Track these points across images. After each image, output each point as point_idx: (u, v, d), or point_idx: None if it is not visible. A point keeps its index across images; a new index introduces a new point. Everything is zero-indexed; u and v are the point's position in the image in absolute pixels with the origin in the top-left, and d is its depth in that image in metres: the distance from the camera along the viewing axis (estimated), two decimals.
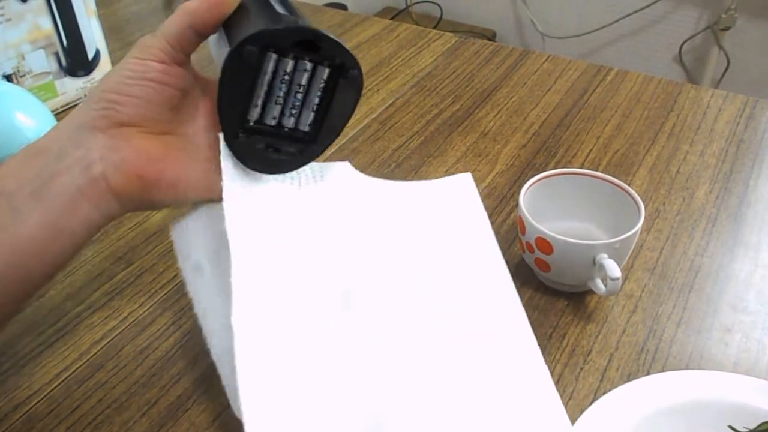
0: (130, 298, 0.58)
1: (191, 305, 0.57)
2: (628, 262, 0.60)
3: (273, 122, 0.44)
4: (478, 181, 0.70)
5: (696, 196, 0.68)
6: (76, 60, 0.83)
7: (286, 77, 0.43)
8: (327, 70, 0.43)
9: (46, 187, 0.41)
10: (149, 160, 0.43)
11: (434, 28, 2.00)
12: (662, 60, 2.00)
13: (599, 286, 0.54)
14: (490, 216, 0.65)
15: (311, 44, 0.42)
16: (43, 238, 0.41)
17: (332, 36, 0.42)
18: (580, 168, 0.66)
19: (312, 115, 0.45)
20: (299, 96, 0.44)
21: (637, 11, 1.91)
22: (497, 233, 0.63)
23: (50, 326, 0.56)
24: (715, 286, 0.58)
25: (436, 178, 0.70)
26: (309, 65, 0.43)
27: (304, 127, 0.45)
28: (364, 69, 0.63)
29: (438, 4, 2.16)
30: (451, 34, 0.99)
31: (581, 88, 0.85)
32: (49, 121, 0.67)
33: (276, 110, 0.44)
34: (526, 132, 0.78)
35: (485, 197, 0.68)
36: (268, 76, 0.42)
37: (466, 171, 0.59)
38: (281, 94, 0.43)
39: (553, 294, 0.57)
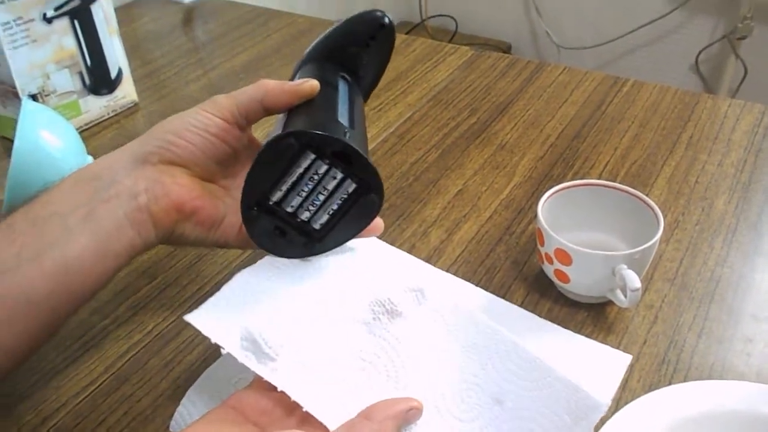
0: (154, 312, 0.59)
1: None
2: (647, 273, 0.60)
3: (290, 209, 0.47)
4: (496, 193, 0.70)
5: (715, 206, 0.68)
6: (99, 79, 0.84)
7: (316, 177, 0.46)
8: (353, 186, 0.47)
9: (97, 211, 0.45)
10: (189, 196, 0.47)
11: (449, 41, 2.01)
12: (679, 69, 1.99)
13: (619, 297, 0.54)
14: (508, 228, 0.66)
15: (347, 158, 0.45)
16: (90, 259, 0.44)
17: (368, 159, 0.45)
18: (598, 179, 0.66)
19: (326, 217, 0.47)
20: (321, 197, 0.47)
21: (652, 21, 1.91)
22: (515, 245, 0.64)
23: (76, 340, 0.57)
24: (736, 296, 0.58)
25: (455, 190, 0.71)
26: (339, 175, 0.46)
27: (316, 224, 0.48)
28: (380, 84, 0.64)
29: (453, 18, 2.17)
30: (467, 48, 1.00)
31: (598, 99, 0.86)
32: (74, 139, 0.68)
33: (296, 200, 0.47)
34: (543, 144, 0.78)
35: (503, 209, 0.68)
36: (300, 170, 0.46)
37: (484, 183, 0.59)
38: (306, 189, 0.46)
39: (573, 305, 0.57)
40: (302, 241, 0.48)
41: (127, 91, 0.88)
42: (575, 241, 0.54)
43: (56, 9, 0.77)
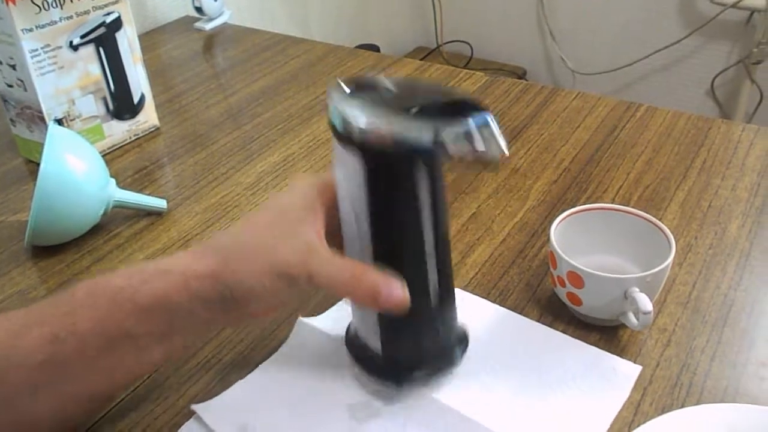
0: None
1: (231, 338, 0.59)
2: (660, 297, 0.60)
3: None
4: (509, 217, 0.71)
5: (728, 230, 0.68)
6: (122, 104, 0.87)
7: None
8: None
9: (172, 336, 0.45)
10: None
11: (465, 66, 2.03)
12: (694, 94, 1.99)
13: (631, 320, 0.55)
14: (521, 251, 0.67)
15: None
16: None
17: None
18: (611, 203, 0.67)
19: None
20: None
21: (667, 46, 1.92)
22: (528, 268, 0.64)
23: None
24: (750, 320, 0.58)
25: (468, 214, 0.72)
26: None
27: None
28: None
29: (468, 44, 2.19)
30: (482, 73, 1.01)
31: (611, 124, 0.87)
32: (98, 163, 0.70)
33: None
34: (557, 168, 0.79)
35: (517, 232, 0.69)
36: None
37: (498, 206, 0.61)
38: None
39: (585, 328, 0.58)
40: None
41: (149, 116, 0.90)
42: (588, 265, 0.55)
43: (82, 37, 0.80)
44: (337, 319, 0.59)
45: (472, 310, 0.59)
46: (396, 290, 0.44)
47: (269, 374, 0.55)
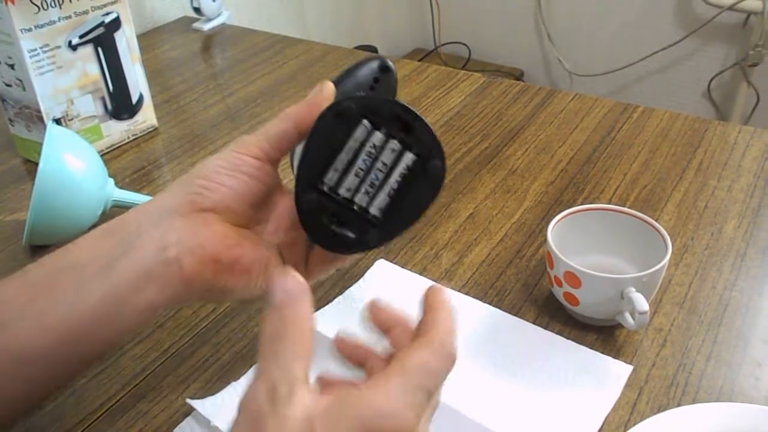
0: (170, 331, 0.60)
1: (229, 338, 0.59)
2: (656, 297, 0.60)
3: (347, 194, 0.42)
4: (507, 217, 0.72)
5: (724, 231, 0.68)
6: (120, 104, 0.87)
7: (372, 151, 0.42)
8: (412, 157, 0.42)
9: (117, 262, 0.41)
10: (226, 245, 0.43)
11: (463, 68, 2.04)
12: (691, 96, 2.00)
13: (628, 319, 0.55)
14: (518, 251, 0.67)
15: (405, 125, 0.41)
16: (103, 315, 0.41)
17: (426, 122, 0.41)
18: (608, 204, 0.67)
19: (387, 200, 0.42)
20: (379, 175, 0.42)
21: (664, 48, 1.92)
22: (526, 268, 0.65)
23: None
24: (746, 320, 0.58)
25: (466, 214, 0.72)
26: (397, 146, 0.42)
27: (375, 210, 0.42)
28: None
29: (466, 45, 2.20)
30: (479, 75, 1.02)
31: (608, 125, 0.87)
32: (97, 162, 0.70)
33: (353, 182, 0.42)
34: (554, 169, 0.79)
35: (514, 232, 0.69)
36: (355, 144, 0.41)
37: (496, 206, 0.61)
38: (363, 167, 0.42)
39: (582, 328, 0.58)
40: (362, 229, 0.42)
41: (147, 116, 0.90)
42: (585, 265, 0.55)
43: (81, 37, 0.80)
44: (330, 314, 0.59)
45: (466, 312, 0.59)
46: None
47: None
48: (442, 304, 0.37)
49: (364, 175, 0.42)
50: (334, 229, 0.42)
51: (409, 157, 0.42)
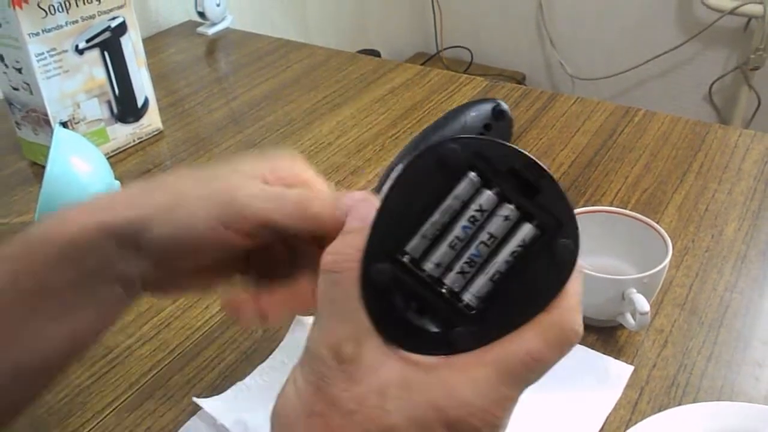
0: (177, 332, 0.61)
1: (234, 338, 0.60)
2: (657, 298, 0.61)
3: (435, 272, 0.29)
4: None
5: (725, 233, 0.69)
6: (126, 108, 0.88)
7: (478, 216, 0.29)
8: (533, 231, 0.29)
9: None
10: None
11: (465, 72, 2.04)
12: (692, 100, 2.00)
13: (629, 320, 0.56)
14: None
15: (526, 185, 0.29)
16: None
17: (558, 182, 0.29)
18: (609, 206, 0.68)
19: (490, 286, 0.29)
20: (483, 250, 0.29)
21: (665, 52, 1.93)
22: None
23: (102, 358, 0.59)
24: (746, 322, 0.59)
25: None
26: (513, 212, 0.29)
27: (471, 298, 0.29)
28: (397, 113, 0.66)
29: (468, 49, 2.20)
30: (481, 78, 1.02)
31: (609, 128, 0.88)
32: (103, 165, 0.71)
33: (446, 256, 0.29)
34: (556, 172, 0.80)
35: None
36: (455, 204, 0.29)
37: None
38: (462, 237, 0.29)
39: (584, 328, 0.58)
40: (450, 322, 0.29)
41: (152, 120, 0.91)
42: (586, 266, 0.55)
43: (88, 41, 0.81)
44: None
45: None
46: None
47: (267, 374, 0.55)
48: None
49: (461, 248, 0.29)
50: (410, 318, 0.29)
51: (527, 230, 0.29)
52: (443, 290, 0.29)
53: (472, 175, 0.29)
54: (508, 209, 0.29)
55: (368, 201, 0.30)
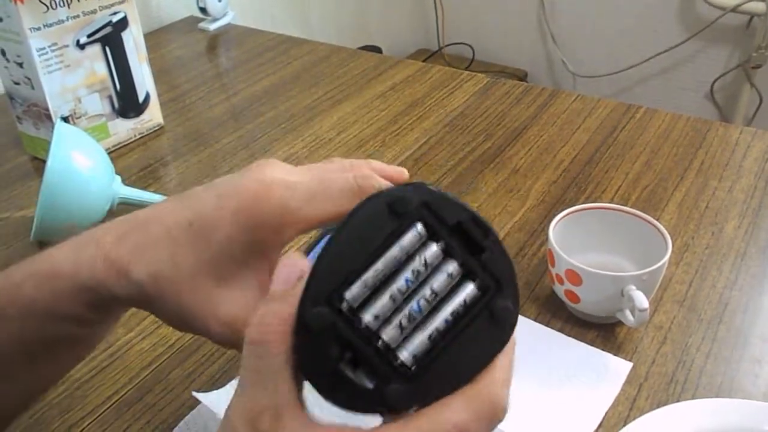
0: None
1: None
2: (657, 295, 0.61)
3: (372, 323, 0.28)
4: (509, 216, 0.72)
5: (725, 230, 0.69)
6: (127, 103, 0.88)
7: (421, 270, 0.29)
8: (474, 291, 0.29)
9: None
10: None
11: (466, 68, 2.04)
12: (694, 98, 2.00)
13: (628, 317, 0.56)
14: (521, 249, 0.68)
15: (471, 242, 0.29)
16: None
17: (502, 243, 0.29)
18: (610, 203, 0.68)
19: (427, 345, 0.28)
20: (424, 306, 0.28)
21: (667, 50, 1.93)
22: (528, 266, 0.65)
23: (102, 352, 0.59)
24: (745, 319, 0.59)
25: None
26: (456, 270, 0.29)
27: (407, 355, 0.28)
28: (398, 109, 0.66)
29: (470, 46, 2.20)
30: (483, 75, 1.02)
31: (610, 126, 0.88)
32: (104, 160, 0.71)
33: (385, 308, 0.28)
34: (557, 169, 0.80)
35: (516, 231, 0.70)
36: (400, 255, 0.28)
37: (498, 206, 0.61)
38: (403, 290, 0.28)
39: (583, 325, 0.59)
40: (384, 377, 0.28)
41: (153, 115, 0.91)
42: (586, 263, 0.56)
43: (89, 36, 0.81)
44: None
45: None
46: None
47: None
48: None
49: (402, 302, 0.28)
50: (342, 370, 0.27)
51: (469, 290, 0.29)
52: (379, 345, 0.28)
53: (419, 226, 0.29)
54: (452, 266, 0.29)
55: (289, 263, 0.30)
